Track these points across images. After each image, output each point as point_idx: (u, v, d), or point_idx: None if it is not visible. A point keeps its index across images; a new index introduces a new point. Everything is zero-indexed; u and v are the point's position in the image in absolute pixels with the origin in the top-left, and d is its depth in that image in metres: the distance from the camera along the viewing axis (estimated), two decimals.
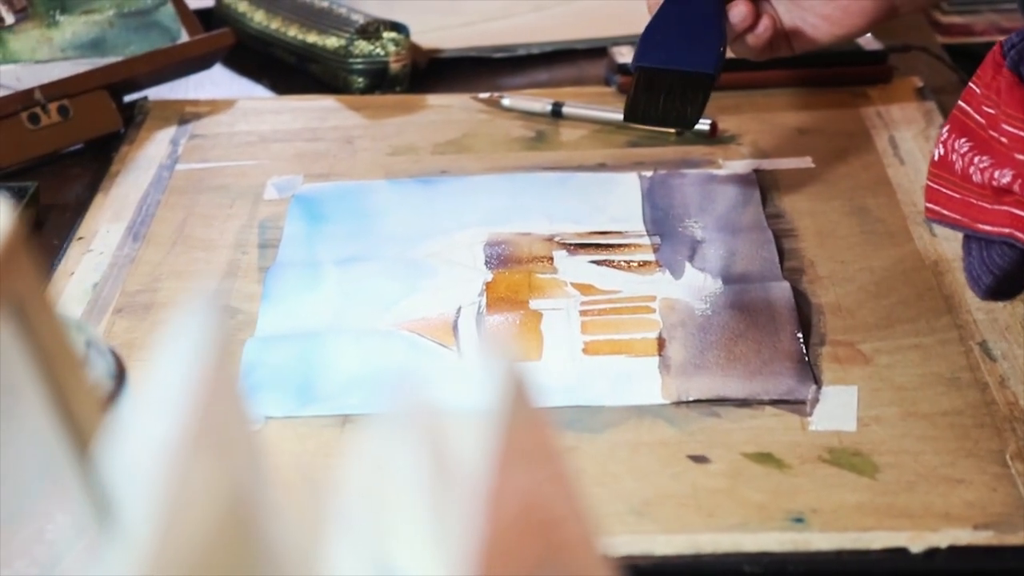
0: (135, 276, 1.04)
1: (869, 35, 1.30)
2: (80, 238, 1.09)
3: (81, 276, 1.04)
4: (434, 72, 1.40)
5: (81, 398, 0.33)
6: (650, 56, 1.03)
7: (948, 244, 1.02)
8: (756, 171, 1.15)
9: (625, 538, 0.77)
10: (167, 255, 1.07)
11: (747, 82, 1.28)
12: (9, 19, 1.28)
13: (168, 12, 1.33)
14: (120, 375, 0.67)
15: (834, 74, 1.31)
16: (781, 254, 1.03)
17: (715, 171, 1.15)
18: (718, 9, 1.04)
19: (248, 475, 0.31)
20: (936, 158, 0.85)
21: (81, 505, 0.31)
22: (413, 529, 0.31)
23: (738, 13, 1.04)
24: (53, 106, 1.22)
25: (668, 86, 1.03)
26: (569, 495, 0.35)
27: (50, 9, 1.30)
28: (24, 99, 1.22)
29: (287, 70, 1.42)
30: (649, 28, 1.04)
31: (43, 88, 1.22)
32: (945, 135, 0.85)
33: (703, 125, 1.20)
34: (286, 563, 0.31)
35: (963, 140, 0.83)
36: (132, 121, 1.29)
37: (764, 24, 1.04)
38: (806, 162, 1.17)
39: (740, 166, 1.16)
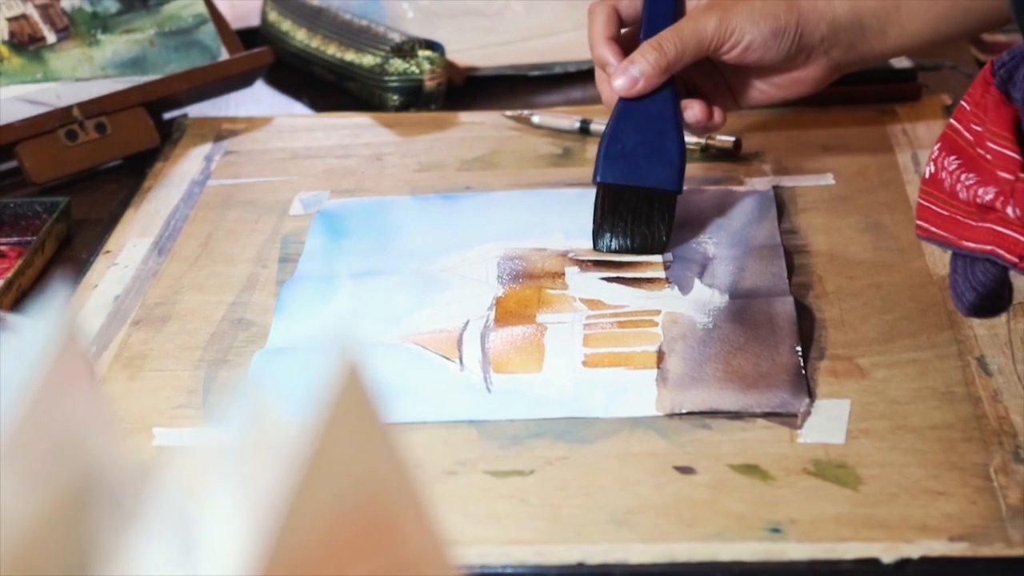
0: (156, 289, 1.06)
1: None
2: (107, 252, 1.12)
3: (104, 288, 1.07)
4: (470, 90, 1.42)
5: None
6: (613, 171, 1.04)
7: None
8: (776, 188, 1.16)
9: (603, 547, 0.78)
10: (189, 268, 1.09)
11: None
12: (51, 38, 1.31)
13: (209, 31, 1.36)
14: None
15: (863, 92, 1.31)
16: (791, 269, 1.04)
17: (734, 188, 1.16)
18: (674, 106, 1.06)
19: (91, 476, 0.33)
20: (927, 175, 0.85)
21: None
22: (221, 505, 0.32)
23: (693, 115, 1.07)
24: (91, 123, 1.25)
25: (635, 203, 1.05)
26: (406, 485, 0.36)
27: (91, 28, 1.33)
28: (62, 116, 1.25)
29: (326, 88, 1.44)
30: (608, 137, 1.05)
31: (81, 105, 1.26)
32: (936, 152, 0.85)
33: (726, 142, 1.21)
34: (95, 555, 0.33)
35: (952, 158, 0.84)
36: (169, 138, 1.31)
37: (717, 117, 1.08)
38: (826, 179, 1.18)
39: (760, 183, 1.17)
